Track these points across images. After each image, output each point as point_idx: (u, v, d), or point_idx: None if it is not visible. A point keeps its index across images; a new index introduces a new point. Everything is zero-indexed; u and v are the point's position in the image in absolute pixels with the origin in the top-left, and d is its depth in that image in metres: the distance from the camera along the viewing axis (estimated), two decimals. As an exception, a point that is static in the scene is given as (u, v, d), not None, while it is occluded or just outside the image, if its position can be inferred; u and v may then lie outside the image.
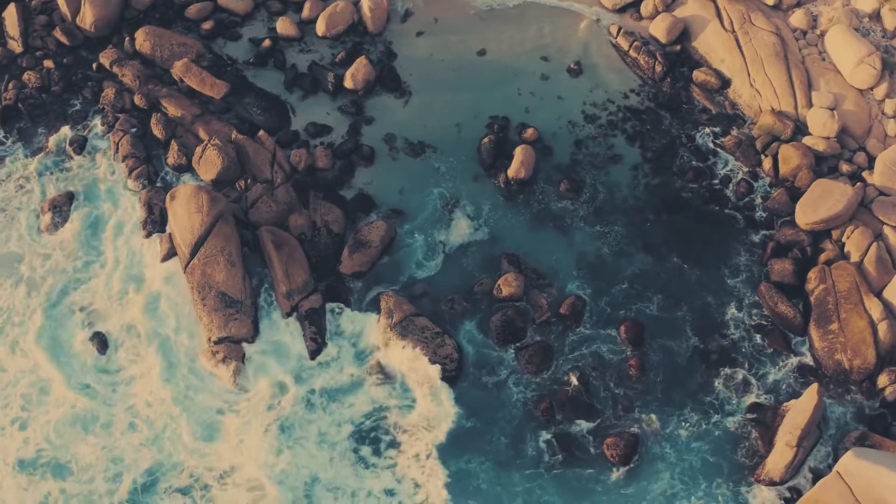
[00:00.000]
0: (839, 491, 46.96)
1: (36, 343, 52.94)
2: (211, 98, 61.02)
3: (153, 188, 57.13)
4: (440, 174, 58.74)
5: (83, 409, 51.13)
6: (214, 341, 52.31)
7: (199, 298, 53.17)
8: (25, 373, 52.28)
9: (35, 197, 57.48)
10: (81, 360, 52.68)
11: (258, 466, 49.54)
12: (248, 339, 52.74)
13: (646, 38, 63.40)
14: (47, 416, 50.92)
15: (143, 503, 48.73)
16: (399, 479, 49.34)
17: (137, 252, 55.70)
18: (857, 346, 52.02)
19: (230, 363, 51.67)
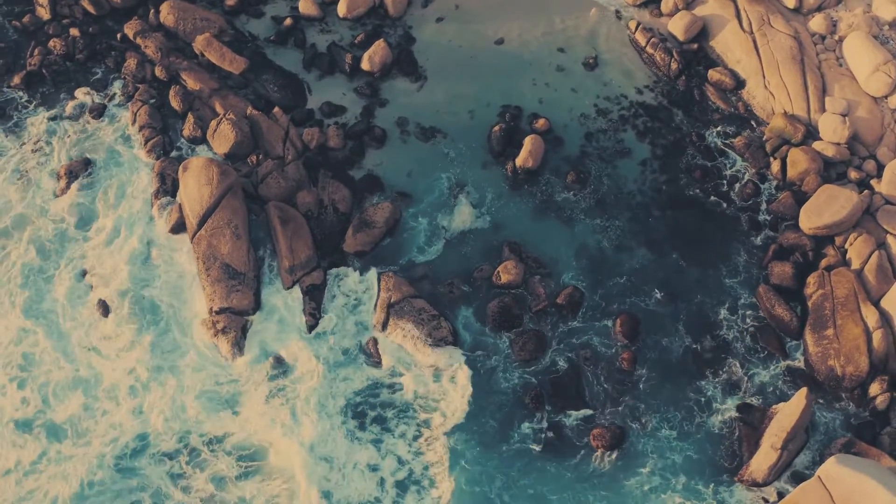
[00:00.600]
0: (819, 496, 46.73)
1: (41, 306, 53.91)
2: (230, 73, 61.68)
3: (167, 158, 57.93)
4: (449, 159, 58.93)
5: (83, 373, 51.98)
6: (216, 311, 53.07)
7: (203, 269, 53.92)
8: (29, 334, 53.14)
9: (52, 161, 58.44)
10: (84, 324, 53.49)
11: (250, 434, 50.29)
12: (249, 310, 53.39)
13: (664, 34, 63.06)
14: (47, 378, 51.86)
15: (132, 467, 49.51)
16: (384, 455, 49.66)
17: (147, 221, 56.46)
18: (851, 353, 51.66)
19: (230, 333, 52.35)
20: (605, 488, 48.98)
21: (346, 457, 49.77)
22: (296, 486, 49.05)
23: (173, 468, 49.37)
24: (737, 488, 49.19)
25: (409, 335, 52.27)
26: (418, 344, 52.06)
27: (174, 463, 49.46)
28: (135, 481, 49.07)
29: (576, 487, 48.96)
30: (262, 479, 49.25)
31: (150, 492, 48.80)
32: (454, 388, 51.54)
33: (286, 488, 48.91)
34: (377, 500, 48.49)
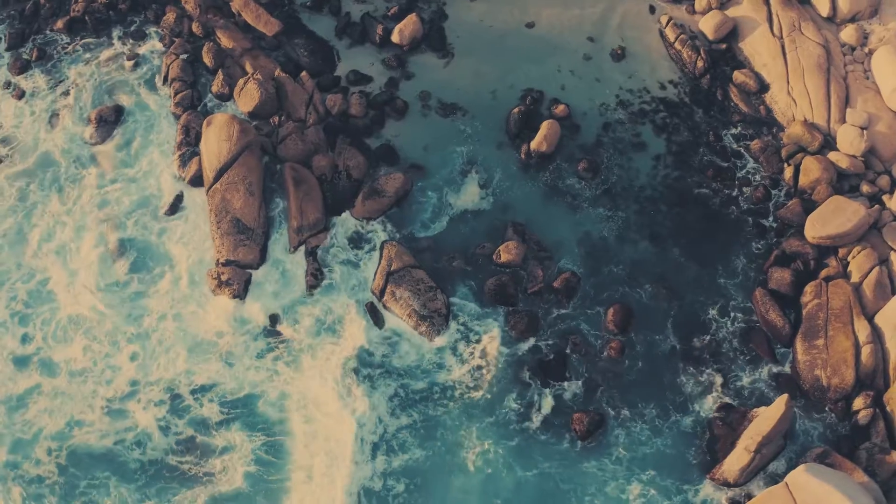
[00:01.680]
0: (783, 501, 46.43)
1: (53, 246, 55.36)
2: (263, 35, 62.38)
3: (194, 112, 58.91)
4: (465, 137, 58.99)
5: (87, 315, 53.36)
6: (222, 263, 54.12)
7: (214, 221, 54.93)
8: (37, 272, 54.78)
9: (83, 105, 59.81)
10: (94, 267, 54.79)
11: (241, 386, 51.42)
12: (254, 265, 54.35)
13: (694, 32, 62.21)
14: (51, 317, 53.32)
15: (121, 409, 50.79)
16: (366, 416, 50.44)
17: (167, 171, 57.70)
18: (838, 365, 50.92)
19: (232, 286, 53.35)
20: (571, 468, 49.25)
21: (332, 411, 50.38)
22: (284, 437, 50.03)
23: (160, 414, 50.52)
24: (704, 486, 48.99)
25: (405, 303, 52.96)
26: (411, 313, 52.81)
27: (162, 409, 50.60)
28: (121, 423, 50.30)
29: (542, 464, 49.26)
30: (248, 430, 50.13)
31: (135, 434, 50.03)
32: (442, 359, 52.20)
33: (271, 439, 49.95)
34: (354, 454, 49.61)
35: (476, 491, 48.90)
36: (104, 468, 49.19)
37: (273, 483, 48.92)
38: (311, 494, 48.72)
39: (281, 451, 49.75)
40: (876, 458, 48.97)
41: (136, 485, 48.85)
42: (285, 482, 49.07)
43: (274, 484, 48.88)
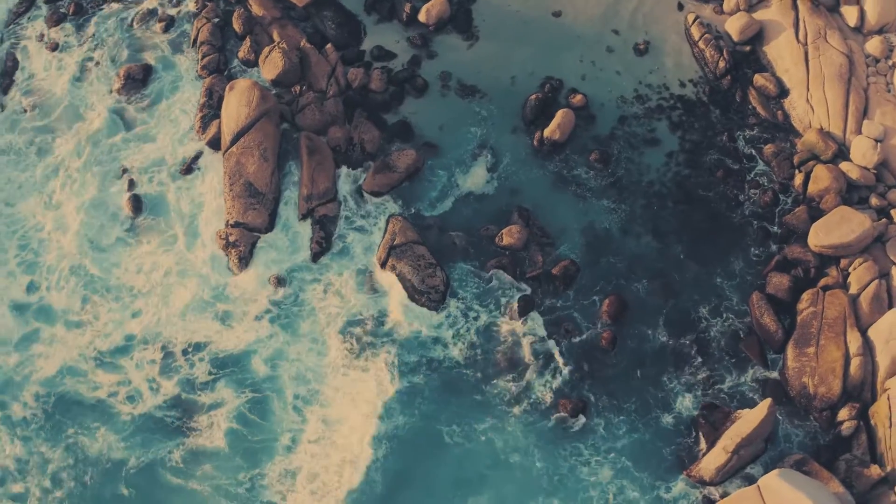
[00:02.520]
0: (753, 503, 46.61)
1: (70, 198, 56.63)
2: (293, 5, 62.72)
3: (219, 76, 59.60)
4: (481, 119, 58.99)
5: (95, 266, 54.60)
6: (231, 224, 54.90)
7: (227, 183, 55.68)
8: (50, 222, 56.07)
9: (114, 63, 60.86)
10: (109, 220, 56.09)
11: (235, 344, 52.36)
12: (262, 229, 55.10)
13: (719, 32, 61.25)
14: (58, 266, 54.74)
15: (114, 363, 52.09)
16: (358, 377, 51.35)
17: (188, 131, 58.54)
18: (826, 374, 50.35)
19: (239, 247, 54.25)
20: (549, 449, 49.63)
21: (324, 375, 51.52)
22: (273, 397, 51.00)
23: (152, 370, 51.67)
24: (678, 483, 49.03)
25: (404, 277, 53.34)
26: (410, 287, 53.11)
27: (155, 365, 51.74)
28: (114, 376, 51.62)
29: (522, 442, 49.78)
30: (237, 387, 51.17)
31: (127, 389, 51.24)
32: (435, 334, 52.65)
33: (259, 395, 50.97)
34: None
35: (453, 463, 49.53)
36: (93, 418, 50.44)
37: (255, 444, 49.83)
38: (293, 461, 49.65)
39: (267, 412, 50.65)
40: (855, 470, 48.54)
41: (123, 434, 50.00)
42: (268, 444, 49.90)
43: (256, 444, 49.78)
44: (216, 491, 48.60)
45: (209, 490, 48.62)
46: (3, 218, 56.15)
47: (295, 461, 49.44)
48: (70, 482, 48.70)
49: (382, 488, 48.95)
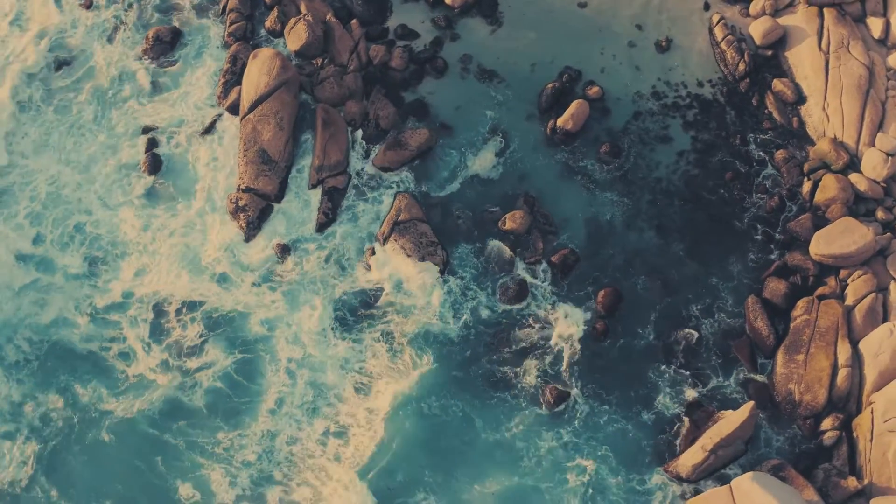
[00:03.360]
0: (723, 503, 46.41)
1: (86, 155, 57.40)
2: (324, -21, 63.55)
3: (244, 44, 60.05)
4: (497, 104, 58.87)
5: (103, 222, 55.42)
6: (242, 189, 55.52)
7: (242, 149, 56.27)
8: (64, 176, 56.87)
9: (144, 24, 61.53)
10: (124, 178, 56.82)
11: (233, 306, 53.12)
12: (271, 196, 55.63)
13: (743, 35, 60.31)
14: (66, 219, 55.58)
15: (110, 319, 52.93)
16: (350, 352, 51.95)
17: (210, 95, 59.13)
18: (813, 382, 49.86)
19: (248, 212, 54.84)
20: (530, 430, 49.95)
21: (318, 343, 52.06)
22: (262, 359, 51.70)
23: (146, 330, 52.46)
24: (655, 475, 49.03)
25: (405, 254, 53.57)
26: (410, 264, 53.53)
27: (149, 324, 52.63)
28: (108, 331, 52.49)
29: (504, 422, 50.14)
30: (229, 348, 51.94)
31: (120, 346, 52.13)
32: (433, 309, 52.85)
33: (249, 356, 51.75)
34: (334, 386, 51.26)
35: (432, 435, 49.95)
36: (85, 369, 51.47)
37: (238, 405, 50.67)
38: (274, 424, 50.41)
39: (255, 373, 51.36)
40: (832, 480, 48.15)
41: (113, 388, 50.96)
42: (251, 404, 50.69)
43: (239, 406, 50.62)
44: (190, 447, 49.34)
45: (185, 446, 49.40)
46: (19, 170, 57.12)
47: (279, 424, 50.14)
48: (58, 423, 49.76)
49: (367, 466, 49.48)
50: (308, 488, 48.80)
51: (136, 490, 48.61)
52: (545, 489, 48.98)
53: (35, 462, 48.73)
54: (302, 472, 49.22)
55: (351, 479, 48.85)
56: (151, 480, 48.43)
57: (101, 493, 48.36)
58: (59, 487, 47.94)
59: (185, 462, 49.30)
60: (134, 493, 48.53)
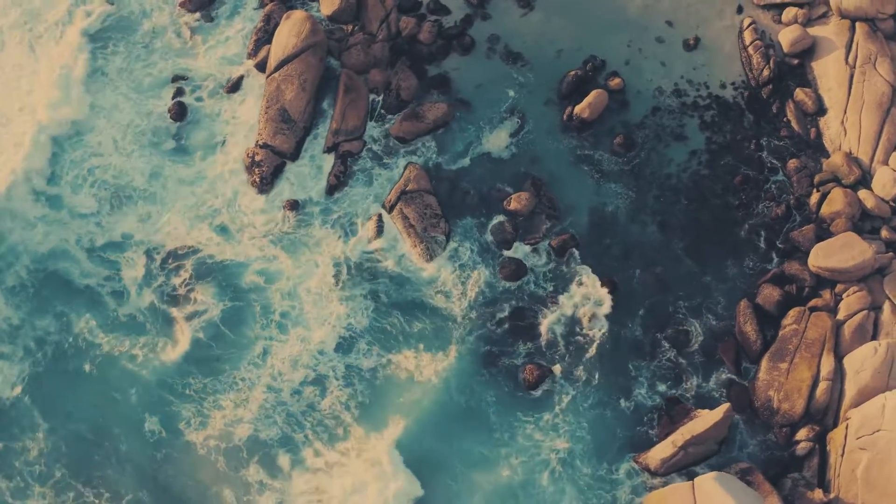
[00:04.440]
0: (685, 500, 45.88)
1: (111, 102, 58.18)
2: (364, -54, 63.65)
3: (279, 4, 60.38)
4: (518, 86, 58.59)
5: (118, 164, 56.34)
6: (260, 145, 56.22)
7: (265, 106, 56.84)
8: (86, 123, 57.66)
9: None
10: (146, 122, 57.72)
11: (233, 256, 53.87)
12: (287, 155, 56.24)
13: (772, 41, 59.18)
14: (82, 159, 56.54)
15: (107, 258, 53.86)
16: (343, 312, 52.46)
17: (240, 52, 59.71)
18: (792, 391, 49.30)
19: (262, 167, 55.50)
20: (508, 407, 50.31)
21: (313, 302, 52.72)
22: (258, 309, 52.61)
23: (140, 272, 53.40)
24: (625, 464, 49.06)
25: (408, 223, 53.91)
26: (412, 233, 53.74)
27: (144, 267, 53.58)
28: (104, 270, 53.52)
29: (484, 395, 50.48)
30: (221, 297, 52.80)
31: (114, 284, 53.22)
32: (429, 280, 53.29)
33: (243, 305, 52.72)
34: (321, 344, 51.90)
35: (414, 404, 50.39)
36: (81, 302, 52.63)
37: (222, 352, 51.56)
38: (255, 374, 51.19)
39: (244, 323, 52.23)
40: (798, 490, 47.68)
41: (103, 324, 52.09)
42: (235, 352, 51.61)
43: (224, 353, 51.51)
44: (163, 386, 50.63)
45: (159, 384, 50.69)
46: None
47: (259, 374, 51.01)
48: (48, 349, 51.12)
49: (342, 413, 50.16)
50: (277, 429, 49.81)
51: (109, 419, 49.88)
52: (517, 462, 49.24)
53: (23, 383, 50.20)
54: (275, 420, 50.12)
55: (326, 435, 49.92)
56: (124, 412, 49.75)
57: (77, 419, 49.74)
58: (41, 409, 49.40)
59: (155, 398, 50.44)
60: (107, 423, 49.81)
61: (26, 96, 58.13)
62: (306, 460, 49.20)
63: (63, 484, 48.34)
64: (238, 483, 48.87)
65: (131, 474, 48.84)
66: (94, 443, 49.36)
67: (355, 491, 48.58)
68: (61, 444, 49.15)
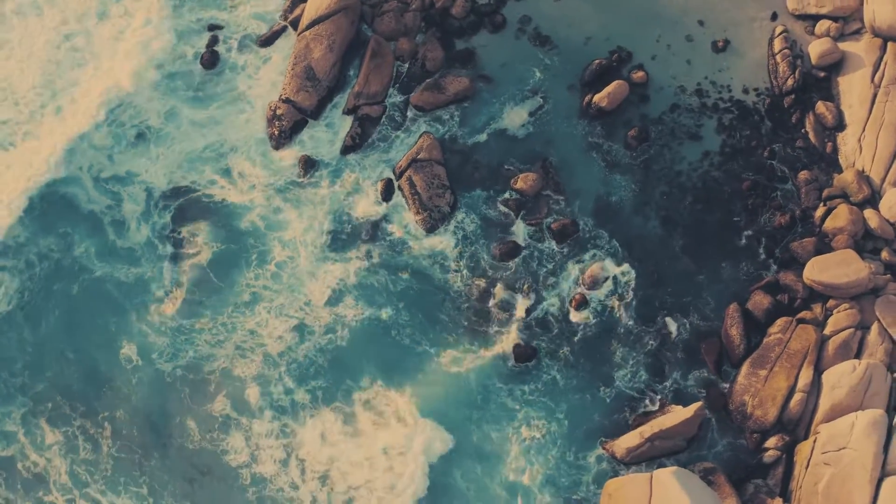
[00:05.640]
0: (641, 490, 45.96)
1: (142, 41, 59.39)
2: (412, -84, 63.46)
3: (321, -33, 61.38)
4: (543, 68, 58.26)
5: (142, 107, 57.73)
6: (283, 99, 56.93)
7: (292, 62, 57.57)
8: (117, 62, 59.15)
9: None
10: (183, 67, 58.97)
11: (238, 199, 55.04)
12: (308, 112, 56.87)
13: (801, 52, 57.89)
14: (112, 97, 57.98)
15: (110, 188, 55.32)
16: (336, 266, 53.53)
17: (277, 8, 60.53)
18: (766, 399, 48.80)
19: (282, 122, 56.34)
20: (490, 376, 50.84)
21: (309, 256, 53.70)
22: (255, 256, 53.84)
23: (140, 208, 54.86)
24: (594, 450, 49.27)
25: (414, 190, 54.22)
26: (416, 201, 54.13)
27: (147, 203, 55.05)
28: (106, 199, 55.08)
29: (467, 363, 51.13)
30: (224, 242, 54.09)
31: (115, 214, 54.74)
32: (426, 248, 53.74)
33: (237, 249, 54.04)
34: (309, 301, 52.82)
35: (395, 362, 51.33)
36: (84, 227, 54.31)
37: (212, 292, 53.01)
38: (241, 317, 52.27)
39: (238, 267, 53.44)
40: (759, 497, 47.48)
41: (102, 245, 53.90)
42: (224, 293, 52.89)
43: (212, 293, 52.95)
44: (143, 319, 52.24)
45: (141, 318, 52.24)
46: (74, 53, 59.63)
47: (245, 318, 52.34)
48: (45, 268, 53.21)
49: (319, 359, 51.52)
50: (251, 365, 51.19)
51: (91, 342, 51.85)
52: (492, 431, 49.83)
53: (19, 298, 52.38)
54: (252, 360, 51.42)
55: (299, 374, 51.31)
56: (105, 337, 51.69)
57: (61, 338, 51.66)
58: (32, 325, 51.62)
59: (134, 328, 52.05)
60: (88, 345, 51.80)
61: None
62: (279, 401, 50.53)
63: (43, 395, 50.51)
64: (205, 415, 50.38)
65: (106, 395, 50.79)
66: (74, 361, 51.31)
67: (325, 441, 49.76)
68: (45, 359, 51.26)
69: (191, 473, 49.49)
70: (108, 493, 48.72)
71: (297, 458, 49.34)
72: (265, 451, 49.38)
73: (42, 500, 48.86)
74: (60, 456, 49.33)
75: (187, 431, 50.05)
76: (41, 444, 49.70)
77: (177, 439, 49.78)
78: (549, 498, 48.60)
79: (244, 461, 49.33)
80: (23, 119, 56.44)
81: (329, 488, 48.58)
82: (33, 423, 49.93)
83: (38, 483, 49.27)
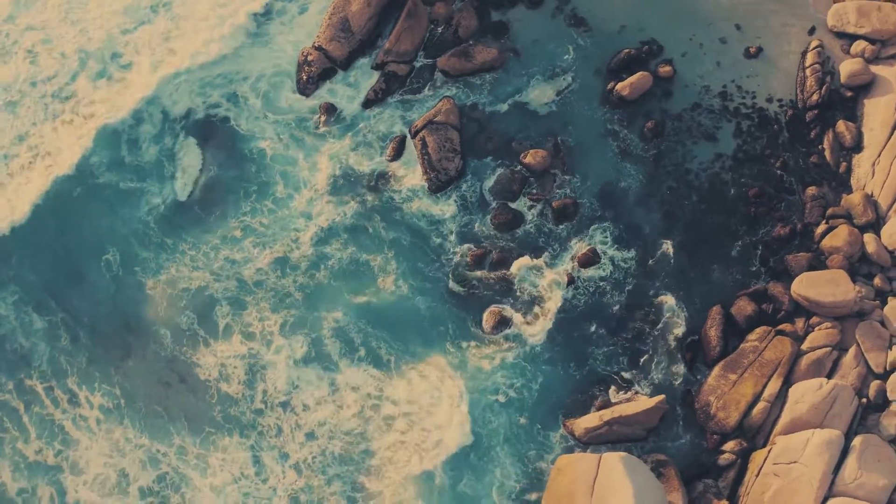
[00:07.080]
0: (588, 470, 46.00)
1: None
2: None
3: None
4: (574, 48, 57.73)
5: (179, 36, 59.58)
6: (315, 46, 57.52)
7: (330, 12, 58.10)
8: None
9: None
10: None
11: (248, 128, 56.40)
12: (337, 62, 57.33)
13: (832, 69, 56.37)
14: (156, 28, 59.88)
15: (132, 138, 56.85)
16: (332, 209, 54.40)
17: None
18: (730, 403, 48.21)
19: (311, 68, 57.02)
20: (466, 337, 51.27)
21: (308, 195, 54.65)
22: (255, 189, 54.91)
23: (154, 130, 56.62)
24: (556, 429, 49.24)
25: (425, 150, 54.41)
26: (425, 161, 54.25)
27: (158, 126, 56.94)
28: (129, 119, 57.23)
29: (448, 323, 51.63)
30: (228, 166, 55.61)
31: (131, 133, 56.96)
32: (428, 208, 54.05)
33: (241, 175, 55.37)
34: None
35: (373, 303, 52.14)
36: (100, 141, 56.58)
37: (206, 215, 54.35)
38: (230, 245, 53.41)
39: (234, 197, 54.59)
40: (706, 497, 47.07)
41: (112, 164, 55.73)
42: (217, 216, 54.19)
43: (206, 215, 54.30)
44: (136, 236, 53.90)
45: (127, 230, 53.99)
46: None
47: (236, 247, 53.65)
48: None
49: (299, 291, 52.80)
50: (234, 283, 52.52)
51: (81, 247, 53.86)
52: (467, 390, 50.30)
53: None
54: (230, 284, 52.70)
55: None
56: (93, 241, 53.76)
57: (53, 241, 53.96)
58: (29, 220, 54.09)
59: (122, 238, 53.84)
60: (79, 249, 53.83)
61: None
62: (251, 325, 51.81)
63: (33, 286, 52.82)
64: (177, 328, 51.96)
65: (88, 297, 52.60)
66: (63, 259, 53.42)
67: (296, 369, 50.99)
68: (38, 253, 53.40)
69: (163, 381, 51.11)
70: (84, 387, 50.59)
71: (263, 382, 50.70)
72: (232, 370, 50.69)
73: (23, 382, 51.09)
74: (44, 341, 51.60)
75: (161, 342, 51.70)
76: (29, 329, 51.99)
77: (151, 347, 51.46)
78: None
79: (213, 377, 50.74)
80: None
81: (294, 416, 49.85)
82: (23, 311, 52.26)
83: (23, 365, 51.48)
